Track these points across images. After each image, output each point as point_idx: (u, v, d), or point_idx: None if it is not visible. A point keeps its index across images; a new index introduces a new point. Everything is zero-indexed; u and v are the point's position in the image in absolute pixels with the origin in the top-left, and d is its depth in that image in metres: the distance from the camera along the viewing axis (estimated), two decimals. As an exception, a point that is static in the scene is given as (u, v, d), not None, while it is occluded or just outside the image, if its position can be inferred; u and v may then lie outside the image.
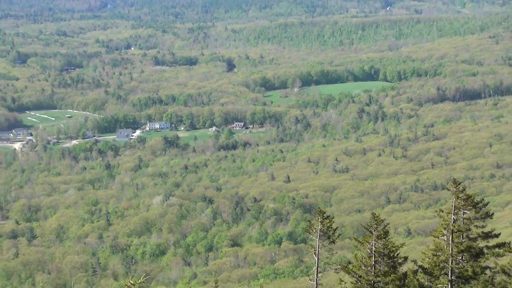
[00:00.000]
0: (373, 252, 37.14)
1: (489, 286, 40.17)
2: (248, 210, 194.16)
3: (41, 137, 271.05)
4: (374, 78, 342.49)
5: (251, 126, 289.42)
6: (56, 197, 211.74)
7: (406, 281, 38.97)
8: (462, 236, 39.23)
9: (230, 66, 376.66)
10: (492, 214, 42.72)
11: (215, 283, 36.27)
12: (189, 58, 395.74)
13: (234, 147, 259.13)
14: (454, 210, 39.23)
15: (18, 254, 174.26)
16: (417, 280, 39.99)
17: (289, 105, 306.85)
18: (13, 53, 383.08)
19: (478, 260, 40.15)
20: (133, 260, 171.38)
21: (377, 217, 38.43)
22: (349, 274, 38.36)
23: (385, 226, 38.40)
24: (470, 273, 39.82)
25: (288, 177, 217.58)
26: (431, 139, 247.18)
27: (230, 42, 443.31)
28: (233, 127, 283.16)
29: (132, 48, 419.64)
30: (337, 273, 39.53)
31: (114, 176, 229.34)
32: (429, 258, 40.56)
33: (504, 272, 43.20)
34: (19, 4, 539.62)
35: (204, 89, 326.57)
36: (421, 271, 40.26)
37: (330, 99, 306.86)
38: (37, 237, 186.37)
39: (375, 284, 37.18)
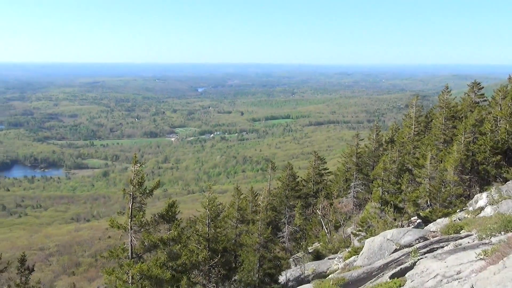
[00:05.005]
0: (288, 174, 36.86)
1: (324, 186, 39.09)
2: (247, 160, 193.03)
3: (181, 136, 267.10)
4: (288, 117, 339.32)
5: (249, 133, 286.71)
6: (186, 156, 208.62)
7: (298, 185, 38.59)
8: (316, 169, 38.81)
9: (242, 113, 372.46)
10: (326, 162, 41.82)
11: (236, 184, 35.91)
12: (228, 111, 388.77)
13: (243, 140, 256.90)
14: (314, 161, 38.84)
15: (172, 174, 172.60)
16: (302, 184, 39.64)
17: (261, 126, 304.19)
18: (164, 115, 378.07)
19: (322, 177, 38.96)
20: (211, 175, 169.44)
21: (289, 163, 38.07)
22: (280, 182, 38.07)
23: (291, 166, 38.05)
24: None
25: (260, 150, 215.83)
26: (307, 138, 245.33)
27: (240, 106, 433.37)
28: (242, 134, 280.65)
29: (210, 108, 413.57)
30: (276, 181, 39.21)
31: (204, 149, 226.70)
32: (306, 176, 40.13)
33: (330, 181, 42.19)
34: (163, 92, 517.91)
35: (233, 121, 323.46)
36: (304, 181, 39.82)
37: (274, 124, 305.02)
38: (178, 168, 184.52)
39: (288, 185, 36.77)
